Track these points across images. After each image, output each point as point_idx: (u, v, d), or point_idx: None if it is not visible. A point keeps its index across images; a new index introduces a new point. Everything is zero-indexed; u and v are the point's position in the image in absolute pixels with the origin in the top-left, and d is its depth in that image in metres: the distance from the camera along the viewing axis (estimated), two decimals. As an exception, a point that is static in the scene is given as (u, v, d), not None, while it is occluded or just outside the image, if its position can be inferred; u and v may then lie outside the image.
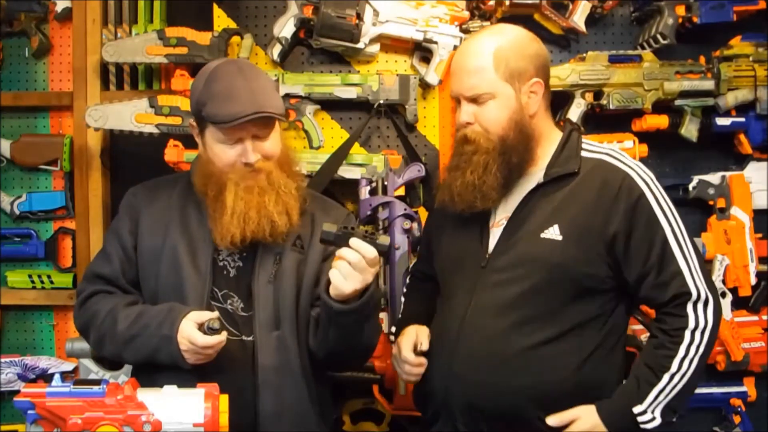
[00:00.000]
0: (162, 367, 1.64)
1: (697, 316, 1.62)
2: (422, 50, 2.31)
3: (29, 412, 1.36)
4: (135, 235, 1.75)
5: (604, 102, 2.26)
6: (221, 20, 2.32)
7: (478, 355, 1.65)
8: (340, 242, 1.58)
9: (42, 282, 2.38)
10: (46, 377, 2.30)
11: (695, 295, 1.63)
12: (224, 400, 1.41)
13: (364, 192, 2.23)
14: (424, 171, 2.24)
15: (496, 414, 1.65)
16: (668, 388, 1.61)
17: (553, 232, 1.65)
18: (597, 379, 1.67)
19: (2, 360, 2.32)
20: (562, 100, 2.27)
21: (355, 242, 1.56)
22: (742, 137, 2.33)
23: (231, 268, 1.72)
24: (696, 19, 2.30)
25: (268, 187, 1.68)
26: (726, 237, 2.31)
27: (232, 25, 2.32)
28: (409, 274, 2.07)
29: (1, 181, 2.41)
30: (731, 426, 2.35)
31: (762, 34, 2.34)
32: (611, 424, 1.62)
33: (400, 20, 2.26)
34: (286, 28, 2.23)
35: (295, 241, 1.74)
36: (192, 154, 2.14)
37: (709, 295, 1.64)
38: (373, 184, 2.24)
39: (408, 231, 2.19)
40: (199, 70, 1.74)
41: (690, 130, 2.29)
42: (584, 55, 2.28)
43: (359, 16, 2.21)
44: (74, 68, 2.35)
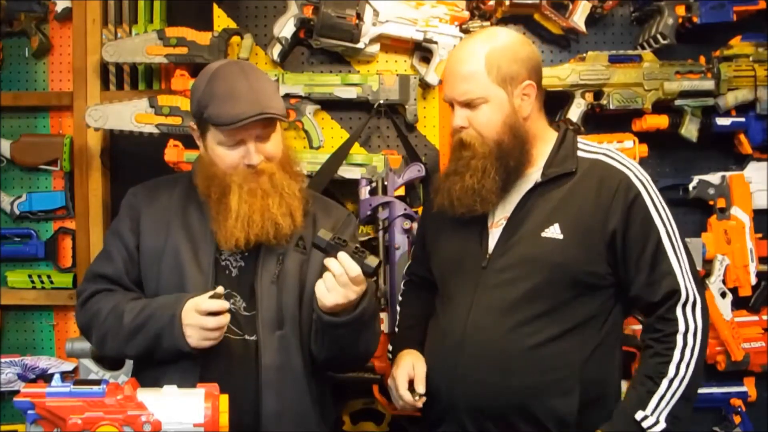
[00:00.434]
0: (163, 365, 1.64)
1: (686, 319, 1.63)
2: (422, 50, 2.31)
3: (29, 412, 1.35)
4: (137, 234, 1.75)
5: (604, 102, 2.26)
6: (221, 20, 2.32)
7: (483, 356, 1.66)
8: (330, 252, 1.58)
9: (42, 282, 2.37)
10: (46, 377, 2.30)
11: (684, 295, 1.63)
12: (224, 400, 1.40)
13: (364, 192, 2.23)
14: (424, 171, 2.24)
15: (502, 414, 1.66)
16: (669, 393, 1.60)
17: (553, 231, 1.66)
18: (599, 377, 1.67)
19: (2, 360, 2.32)
20: (562, 100, 2.27)
21: (341, 256, 1.56)
22: (742, 137, 2.33)
23: (233, 267, 1.72)
24: (696, 19, 2.30)
25: (272, 189, 1.68)
26: (726, 237, 2.31)
27: (232, 25, 2.32)
28: (405, 278, 2.06)
29: (1, 181, 2.41)
30: (731, 426, 2.35)
31: (762, 34, 2.34)
32: None
33: (400, 20, 2.26)
34: (286, 28, 2.23)
35: (297, 242, 1.74)
36: (192, 154, 2.14)
37: (697, 297, 1.65)
38: (373, 184, 2.24)
39: (408, 231, 2.19)
40: (199, 71, 1.74)
41: (690, 130, 2.29)
42: (584, 55, 2.28)
43: (359, 16, 2.21)
44: (74, 68, 2.35)
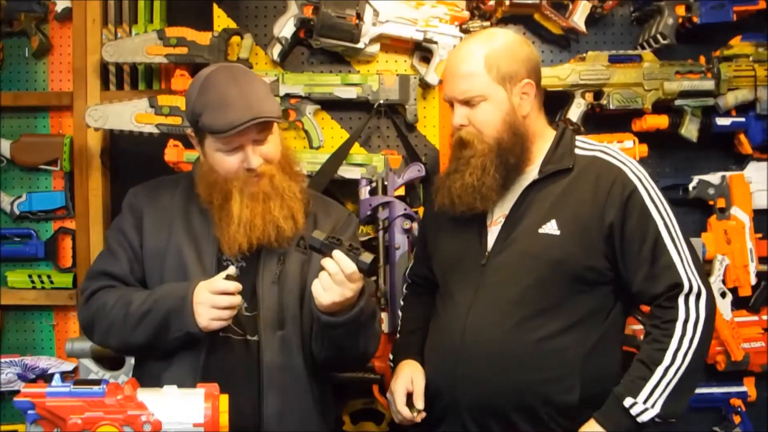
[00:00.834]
0: (164, 364, 1.64)
1: (688, 309, 1.63)
2: (422, 50, 2.31)
3: (29, 412, 1.35)
4: (140, 233, 1.75)
5: (604, 102, 2.26)
6: (221, 20, 2.32)
7: (485, 354, 1.66)
8: (325, 251, 1.58)
9: (42, 282, 2.37)
10: (46, 377, 2.29)
11: (687, 286, 1.63)
12: (224, 400, 1.40)
13: (364, 192, 2.23)
14: (424, 171, 2.24)
15: (504, 411, 1.66)
16: (663, 382, 1.60)
17: (550, 227, 1.67)
18: (599, 374, 1.67)
19: (2, 360, 2.32)
20: (562, 100, 2.27)
21: (336, 254, 1.56)
22: (742, 137, 2.33)
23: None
24: (696, 19, 2.30)
25: (272, 192, 1.68)
26: (726, 237, 2.31)
27: (232, 25, 2.32)
28: (407, 281, 2.06)
29: (1, 181, 2.41)
30: (731, 426, 2.35)
31: (762, 34, 2.34)
32: (612, 427, 1.61)
33: (400, 20, 2.26)
34: (286, 28, 2.23)
35: (298, 242, 1.74)
36: (192, 154, 2.14)
37: (702, 288, 1.64)
38: (373, 184, 2.23)
39: (408, 231, 2.19)
40: (199, 70, 1.74)
41: (690, 130, 2.29)
42: (584, 55, 2.28)
43: (359, 16, 2.21)
44: (74, 68, 2.35)
